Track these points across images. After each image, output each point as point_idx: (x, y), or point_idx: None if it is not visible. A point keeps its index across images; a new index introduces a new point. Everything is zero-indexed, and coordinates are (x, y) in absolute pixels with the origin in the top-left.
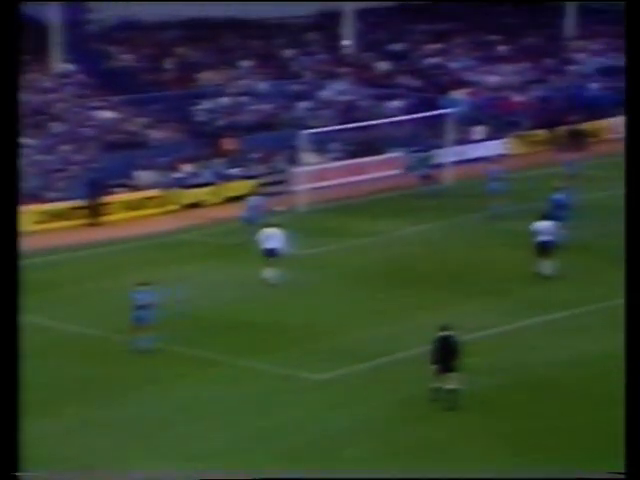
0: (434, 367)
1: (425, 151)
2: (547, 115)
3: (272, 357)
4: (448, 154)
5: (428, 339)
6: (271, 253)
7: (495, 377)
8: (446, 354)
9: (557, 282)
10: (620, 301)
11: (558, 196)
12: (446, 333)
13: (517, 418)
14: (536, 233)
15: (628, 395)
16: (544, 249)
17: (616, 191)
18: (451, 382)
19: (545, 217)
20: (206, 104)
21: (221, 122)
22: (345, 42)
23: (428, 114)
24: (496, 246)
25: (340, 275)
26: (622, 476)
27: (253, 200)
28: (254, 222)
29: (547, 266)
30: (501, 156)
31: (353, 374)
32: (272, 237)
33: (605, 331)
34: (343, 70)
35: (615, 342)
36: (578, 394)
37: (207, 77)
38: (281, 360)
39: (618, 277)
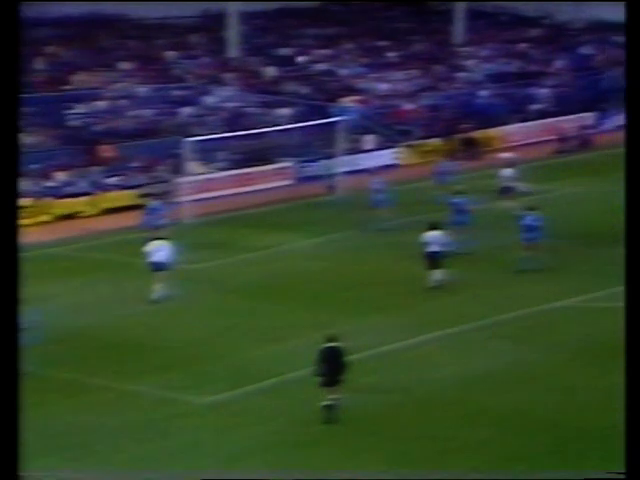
0: (319, 380)
1: (325, 159)
2: (438, 124)
3: (155, 379)
4: (339, 164)
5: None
6: (158, 267)
7: (389, 396)
8: (331, 366)
9: (452, 295)
10: (516, 314)
11: (458, 200)
12: (332, 344)
13: (409, 439)
14: (425, 244)
15: (628, 395)
16: (434, 260)
17: (513, 203)
18: (332, 396)
19: (434, 227)
20: (81, 108)
21: (98, 128)
22: (230, 45)
23: (318, 122)
24: (389, 260)
25: (229, 291)
26: (622, 476)
27: (153, 205)
28: (154, 228)
29: (437, 277)
30: (392, 166)
31: (242, 396)
32: (159, 250)
33: (501, 345)
34: (229, 75)
35: (511, 357)
36: (474, 412)
37: (81, 79)
38: (165, 382)
39: (514, 289)
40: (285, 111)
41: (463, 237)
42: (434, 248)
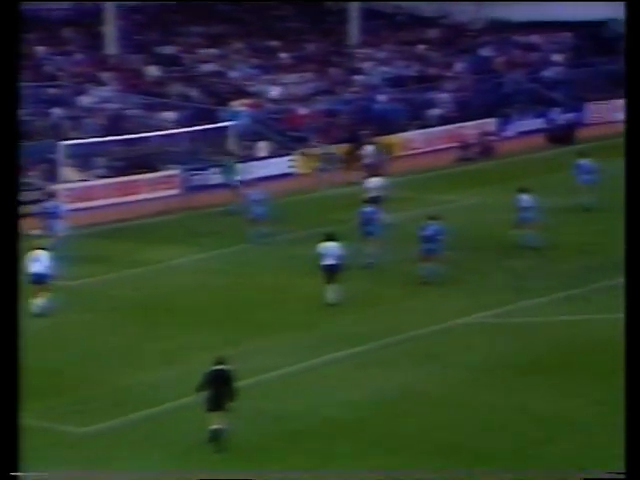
0: (205, 404)
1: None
2: (335, 130)
3: (29, 407)
4: (231, 172)
5: None
6: (38, 279)
7: (285, 423)
8: (219, 390)
9: (352, 312)
10: (419, 331)
11: (368, 209)
12: (219, 367)
13: (305, 469)
14: (321, 256)
15: (628, 395)
16: (330, 273)
17: (413, 212)
18: (219, 422)
19: (330, 238)
20: None
21: None
22: (108, 42)
23: (206, 127)
24: (286, 275)
25: (111, 310)
26: (622, 476)
27: (50, 206)
28: (56, 233)
29: (334, 292)
30: (287, 175)
31: (124, 425)
32: (38, 260)
33: (403, 365)
34: (107, 74)
35: (413, 377)
36: (373, 438)
37: None
38: (39, 411)
39: (417, 304)
40: (170, 114)
41: (371, 249)
42: (330, 261)
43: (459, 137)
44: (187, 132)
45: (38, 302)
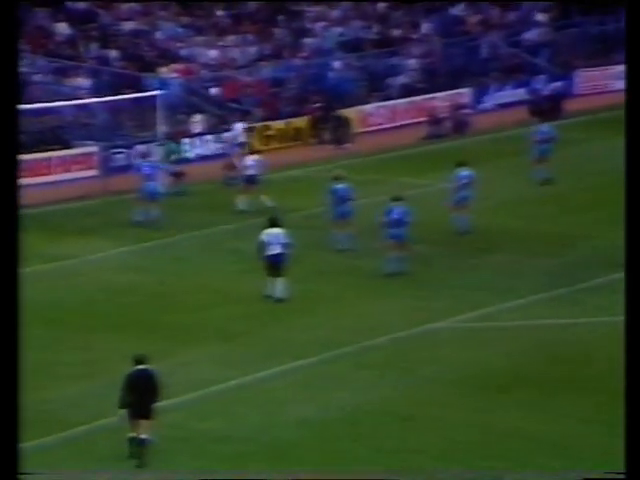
0: (124, 411)
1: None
2: (283, 101)
3: None
4: (159, 151)
5: None
6: None
7: (228, 445)
8: (141, 394)
9: (304, 315)
10: (382, 338)
11: (340, 186)
12: (141, 367)
13: None
14: (263, 245)
15: (628, 395)
16: (275, 265)
17: (374, 199)
18: (143, 430)
19: (273, 224)
20: None
21: None
22: None
23: (129, 97)
24: (223, 272)
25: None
26: (622, 476)
27: None
28: None
29: (279, 286)
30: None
31: (39, 449)
32: None
33: (365, 378)
34: None
35: (377, 392)
36: (329, 461)
37: None
38: None
39: (386, 307)
40: (84, 81)
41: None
42: (275, 250)
43: (427, 110)
44: (106, 102)
45: None
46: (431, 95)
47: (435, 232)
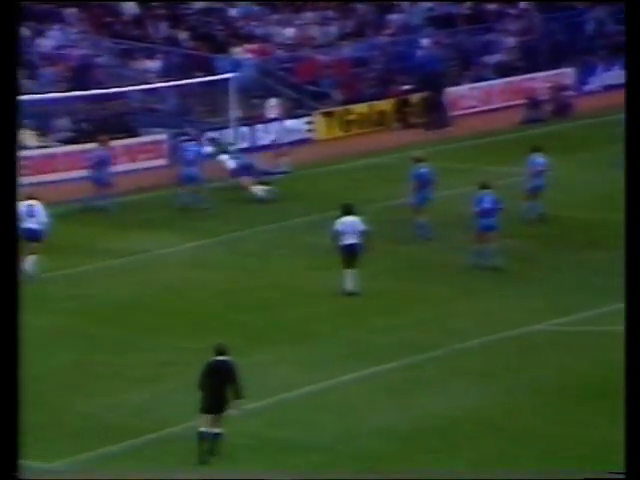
0: (200, 404)
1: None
2: (366, 83)
3: None
4: (232, 138)
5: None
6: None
7: (306, 455)
8: (217, 386)
9: (386, 314)
10: (477, 341)
11: (423, 169)
12: (220, 358)
13: None
14: (338, 235)
15: (628, 395)
16: (351, 255)
17: (463, 190)
18: (215, 424)
19: (348, 211)
20: None
21: None
22: None
23: (200, 80)
24: (299, 267)
25: (80, 312)
26: (622, 476)
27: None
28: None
29: (354, 278)
30: (303, 141)
31: (94, 461)
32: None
33: (457, 385)
34: (70, 11)
35: (471, 399)
36: (421, 473)
37: None
38: None
39: (475, 307)
40: (152, 64)
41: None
42: (350, 239)
43: (525, 92)
44: (175, 86)
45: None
46: (530, 75)
47: (531, 226)
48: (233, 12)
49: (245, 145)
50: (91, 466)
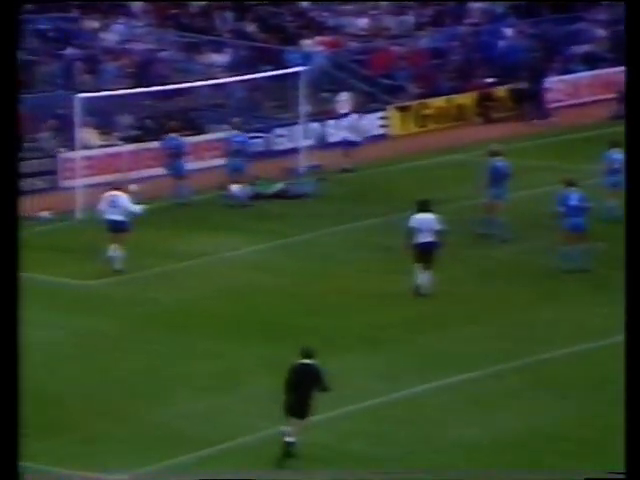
0: (284, 407)
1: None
2: (444, 76)
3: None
4: (299, 135)
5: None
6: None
7: (382, 467)
8: (301, 391)
9: (463, 322)
10: (555, 353)
11: (498, 163)
12: (306, 361)
13: None
14: (413, 232)
15: (628, 394)
16: (425, 254)
17: (547, 189)
18: (293, 431)
19: (424, 208)
20: None
21: None
22: None
23: (268, 74)
24: (370, 272)
25: (138, 318)
26: (622, 476)
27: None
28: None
29: (427, 278)
30: (377, 137)
31: (163, 473)
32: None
33: (537, 397)
34: (133, 4)
35: (554, 413)
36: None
37: None
38: (48, 451)
39: (564, 313)
40: (219, 57)
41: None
42: (426, 237)
43: (616, 85)
44: (242, 81)
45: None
46: (620, 68)
47: (618, 226)
48: (303, 2)
49: (315, 142)
50: (163, 476)
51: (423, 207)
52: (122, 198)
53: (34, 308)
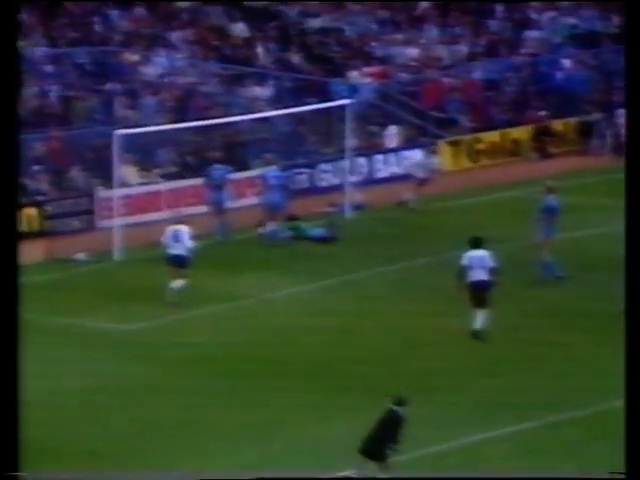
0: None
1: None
2: (499, 108)
3: None
4: (345, 171)
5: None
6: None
7: None
8: (385, 436)
9: (521, 370)
10: (619, 404)
11: (552, 201)
12: (395, 408)
13: None
14: (466, 269)
15: (628, 394)
16: (478, 293)
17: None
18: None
19: (477, 244)
20: None
21: None
22: None
23: (313, 107)
24: (417, 313)
25: (174, 363)
26: (622, 476)
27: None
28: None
29: (482, 318)
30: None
31: None
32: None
33: (599, 449)
34: (176, 34)
35: (611, 465)
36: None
37: None
38: None
39: (614, 362)
40: (262, 90)
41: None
42: (479, 275)
43: None
44: (285, 115)
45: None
46: None
47: None
48: (351, 32)
49: (361, 178)
50: None
51: (476, 244)
52: (184, 232)
53: (71, 355)
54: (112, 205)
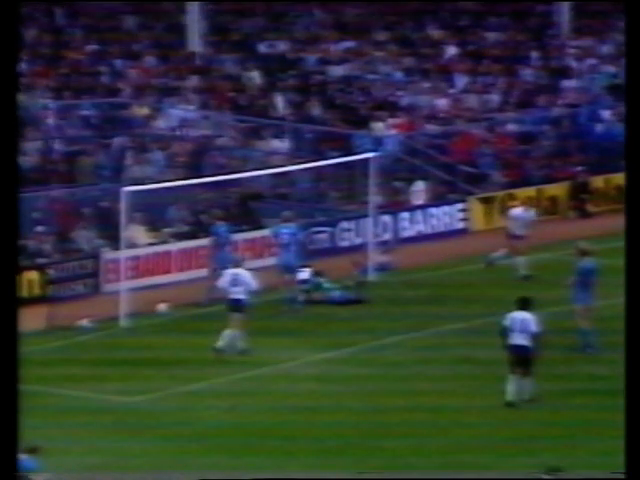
0: None
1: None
2: (533, 163)
3: None
4: (368, 229)
5: None
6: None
7: None
8: None
9: (556, 449)
10: None
11: (588, 264)
12: None
13: None
14: (510, 332)
15: (628, 394)
16: (518, 359)
17: None
18: None
19: (524, 305)
20: None
21: None
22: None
23: (333, 161)
24: (444, 383)
25: (187, 439)
26: (622, 476)
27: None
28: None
29: (525, 385)
30: (456, 232)
31: None
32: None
33: None
34: (187, 83)
35: None
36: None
37: None
38: None
39: None
40: (280, 143)
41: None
42: (519, 339)
43: None
44: (305, 169)
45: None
46: None
47: None
48: (375, 80)
49: (386, 237)
50: None
51: (522, 305)
52: (245, 275)
53: (75, 428)
54: (119, 267)
